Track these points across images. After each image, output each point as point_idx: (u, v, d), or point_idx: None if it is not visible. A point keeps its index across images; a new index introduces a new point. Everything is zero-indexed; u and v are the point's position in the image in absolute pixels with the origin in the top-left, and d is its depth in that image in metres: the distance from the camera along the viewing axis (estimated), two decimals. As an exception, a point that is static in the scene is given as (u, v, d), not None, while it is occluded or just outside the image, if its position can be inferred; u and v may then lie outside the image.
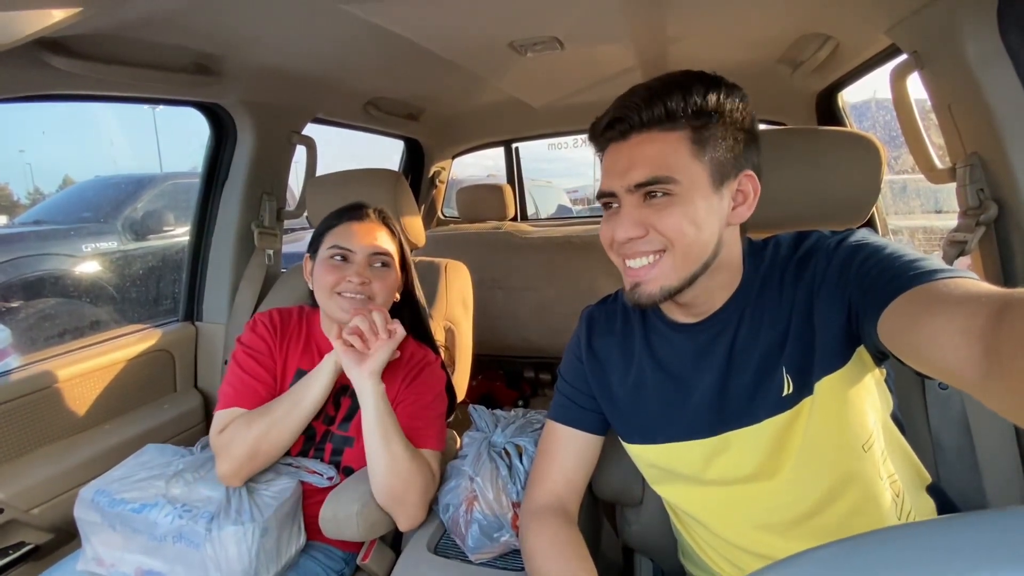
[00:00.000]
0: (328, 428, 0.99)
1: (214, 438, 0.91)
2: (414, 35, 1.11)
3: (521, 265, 2.08)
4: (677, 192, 0.61)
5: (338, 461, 0.97)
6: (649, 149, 0.62)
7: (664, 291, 0.64)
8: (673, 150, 0.61)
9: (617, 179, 0.64)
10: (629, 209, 0.64)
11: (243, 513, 0.82)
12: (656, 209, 0.62)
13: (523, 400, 2.38)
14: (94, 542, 0.86)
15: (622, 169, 0.64)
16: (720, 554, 0.72)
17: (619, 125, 0.64)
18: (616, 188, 0.65)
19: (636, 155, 0.63)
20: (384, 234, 1.01)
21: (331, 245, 0.97)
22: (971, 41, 0.81)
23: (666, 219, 0.62)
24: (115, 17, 0.90)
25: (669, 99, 0.61)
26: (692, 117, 0.61)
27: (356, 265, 0.96)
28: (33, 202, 4.62)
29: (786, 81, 1.50)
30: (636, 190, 0.63)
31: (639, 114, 0.62)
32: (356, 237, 0.97)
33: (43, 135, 5.08)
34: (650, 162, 0.62)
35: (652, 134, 0.63)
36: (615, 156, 0.65)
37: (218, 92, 1.30)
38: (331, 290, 0.95)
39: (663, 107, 0.61)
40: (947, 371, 0.45)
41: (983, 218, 0.86)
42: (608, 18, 1.10)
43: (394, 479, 0.86)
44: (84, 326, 2.84)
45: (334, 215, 1.03)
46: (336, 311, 0.95)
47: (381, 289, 0.97)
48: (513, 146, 2.85)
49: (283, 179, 1.61)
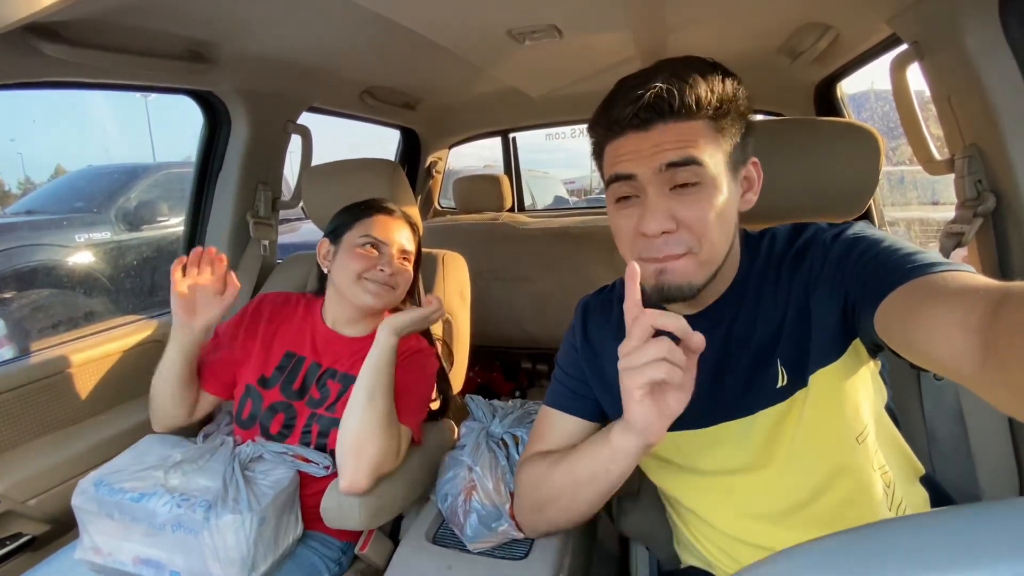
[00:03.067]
0: (314, 411, 1.00)
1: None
2: (411, 23, 1.10)
3: (518, 256, 2.08)
4: (705, 180, 0.59)
5: (324, 444, 0.98)
6: (676, 134, 0.60)
7: (692, 288, 0.62)
8: (699, 136, 0.60)
9: (643, 161, 0.60)
10: (659, 200, 0.60)
11: (241, 502, 0.82)
12: (687, 201, 0.60)
13: (520, 391, 2.38)
14: (92, 531, 0.87)
15: (648, 152, 0.60)
16: (714, 543, 0.73)
17: (646, 113, 0.60)
18: (640, 171, 0.60)
19: (664, 139, 0.60)
20: (410, 234, 1.09)
21: (364, 234, 1.02)
22: (972, 32, 0.81)
23: (698, 212, 0.59)
24: (106, 2, 0.89)
25: (696, 90, 0.59)
26: (715, 107, 0.60)
27: (388, 257, 1.02)
28: (24, 192, 4.58)
29: (785, 71, 1.49)
30: (666, 170, 0.59)
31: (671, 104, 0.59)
32: (390, 231, 1.04)
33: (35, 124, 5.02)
34: (681, 144, 0.59)
35: (677, 123, 0.60)
36: (636, 143, 0.61)
37: (212, 80, 1.28)
38: (358, 276, 0.99)
39: (694, 97, 0.59)
40: (943, 364, 0.45)
41: (981, 209, 0.86)
42: (607, 6, 1.09)
43: (361, 427, 0.86)
44: (78, 317, 2.82)
45: (363, 206, 1.07)
46: (360, 294, 1.00)
47: (404, 281, 1.04)
48: (510, 136, 2.83)
49: (278, 169, 1.59)
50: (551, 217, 2.54)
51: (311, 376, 1.03)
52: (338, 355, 1.04)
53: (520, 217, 2.37)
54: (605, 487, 0.65)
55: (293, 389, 1.01)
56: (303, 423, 0.99)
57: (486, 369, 2.43)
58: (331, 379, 1.02)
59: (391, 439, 0.88)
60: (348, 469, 0.85)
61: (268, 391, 1.01)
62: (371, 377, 0.89)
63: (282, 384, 1.02)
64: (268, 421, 0.99)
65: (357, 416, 0.87)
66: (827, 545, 0.22)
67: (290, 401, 1.00)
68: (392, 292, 1.02)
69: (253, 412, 1.00)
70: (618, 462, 0.62)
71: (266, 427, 0.99)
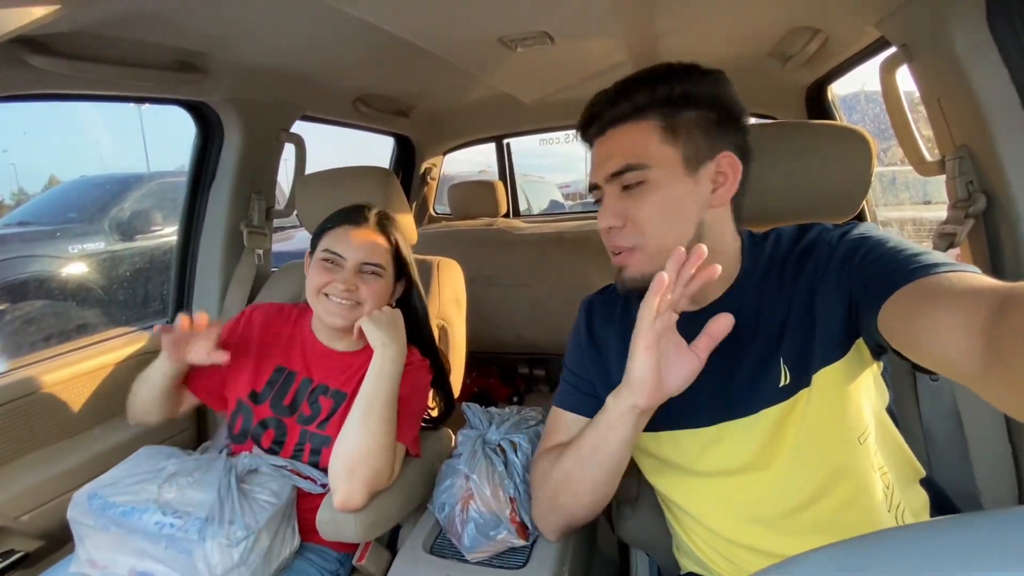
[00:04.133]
0: (305, 428, 0.98)
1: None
2: (402, 31, 1.10)
3: (514, 261, 2.08)
4: (650, 178, 0.65)
5: (316, 461, 0.96)
6: (622, 140, 0.68)
7: (644, 279, 0.64)
8: (643, 139, 0.66)
9: (597, 171, 0.70)
10: (610, 200, 0.69)
11: (235, 519, 0.82)
12: (633, 199, 0.67)
13: (518, 396, 2.38)
14: (87, 544, 0.85)
15: (601, 161, 0.69)
16: (713, 548, 0.72)
17: (596, 122, 0.70)
18: (598, 179, 0.70)
19: (611, 147, 0.69)
20: (379, 242, 1.01)
21: (325, 248, 0.98)
22: (960, 34, 0.81)
23: (642, 208, 0.66)
24: (95, 14, 0.88)
25: (635, 94, 0.66)
26: (660, 106, 0.65)
27: (345, 271, 0.96)
28: (17, 203, 4.55)
29: (776, 75, 1.50)
30: (613, 179, 0.68)
31: (608, 110, 0.68)
32: (349, 244, 0.97)
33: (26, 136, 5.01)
34: (623, 152, 0.67)
35: (625, 127, 0.67)
36: (597, 151, 0.71)
37: (204, 90, 1.28)
38: (319, 291, 0.97)
39: (630, 102, 0.67)
40: (947, 364, 0.45)
41: (972, 210, 0.86)
42: (598, 13, 1.09)
43: (357, 448, 0.85)
44: (71, 329, 2.80)
45: (335, 216, 1.03)
46: (322, 312, 0.97)
47: (369, 295, 0.97)
48: (504, 142, 2.83)
49: (272, 178, 1.59)
50: (546, 222, 2.54)
51: (302, 392, 1.01)
52: (330, 371, 1.02)
53: (515, 223, 2.37)
54: (605, 459, 0.68)
55: (283, 405, 1.00)
56: (295, 440, 0.98)
57: (483, 375, 2.42)
58: (323, 395, 1.00)
59: (387, 459, 0.88)
60: (341, 489, 0.85)
61: (259, 406, 0.99)
62: (369, 396, 0.88)
63: (272, 399, 1.00)
64: (259, 436, 0.98)
65: (354, 436, 0.86)
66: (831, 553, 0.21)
67: (280, 417, 0.99)
68: (357, 308, 0.96)
69: (244, 427, 0.99)
70: (615, 427, 0.66)
71: (258, 442, 0.98)
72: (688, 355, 0.62)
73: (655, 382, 0.62)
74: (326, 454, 0.95)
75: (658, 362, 0.62)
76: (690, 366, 0.62)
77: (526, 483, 0.87)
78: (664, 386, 0.63)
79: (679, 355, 0.62)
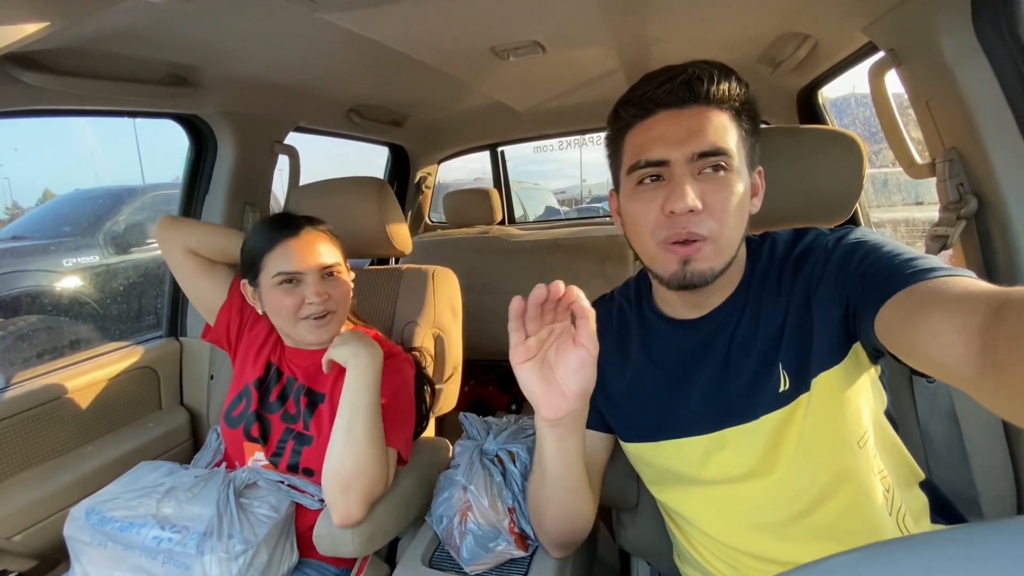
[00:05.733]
0: (288, 426, 0.99)
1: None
2: (394, 42, 1.10)
3: (510, 269, 2.08)
4: (734, 167, 0.62)
5: (296, 462, 0.96)
6: (708, 121, 0.62)
7: (713, 272, 0.63)
8: (728, 127, 0.63)
9: (675, 147, 0.61)
10: (689, 180, 0.61)
11: (234, 535, 0.81)
12: (714, 185, 0.61)
13: (516, 404, 2.37)
14: (84, 562, 0.85)
15: (680, 137, 0.61)
16: (715, 555, 0.72)
17: (685, 91, 0.62)
18: (673, 156, 0.62)
19: (696, 125, 0.62)
20: (325, 244, 0.99)
21: (277, 272, 0.93)
22: (947, 38, 0.82)
23: (723, 196, 0.61)
24: (86, 31, 0.88)
25: (728, 81, 0.63)
26: (741, 102, 0.64)
27: (310, 285, 0.94)
28: (12, 217, 4.53)
29: (767, 80, 1.51)
30: (697, 160, 0.61)
31: (709, 86, 0.62)
32: (300, 257, 0.94)
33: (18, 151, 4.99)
34: (714, 133, 0.61)
35: (709, 108, 0.63)
36: (670, 124, 0.63)
37: (196, 103, 1.28)
38: (294, 316, 0.94)
39: (727, 86, 0.63)
40: (943, 368, 0.45)
41: (963, 212, 0.87)
42: (589, 21, 1.10)
43: (347, 463, 0.84)
44: (64, 345, 2.78)
45: (265, 234, 0.96)
46: (304, 335, 0.96)
47: (339, 298, 0.98)
48: (499, 149, 2.84)
49: (266, 190, 1.59)
50: (542, 229, 2.55)
51: (289, 390, 1.02)
52: (305, 369, 1.02)
53: (511, 230, 2.37)
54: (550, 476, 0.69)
55: (270, 401, 1.01)
56: (278, 436, 0.99)
57: (481, 383, 2.41)
58: (304, 395, 1.01)
59: (381, 469, 0.87)
60: (339, 506, 0.84)
61: (257, 396, 1.02)
62: (350, 410, 0.86)
63: (263, 394, 1.02)
64: (250, 424, 0.99)
65: (343, 453, 0.85)
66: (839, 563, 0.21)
67: (267, 414, 1.00)
68: (335, 317, 0.97)
69: (242, 413, 1.00)
70: (543, 442, 0.67)
71: (248, 430, 0.99)
72: (572, 350, 0.60)
73: (547, 392, 0.61)
74: (306, 452, 0.95)
75: (539, 373, 0.61)
76: (578, 360, 0.59)
77: (525, 493, 0.86)
78: (564, 390, 0.61)
79: (563, 355, 0.60)
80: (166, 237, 1.08)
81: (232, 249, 1.06)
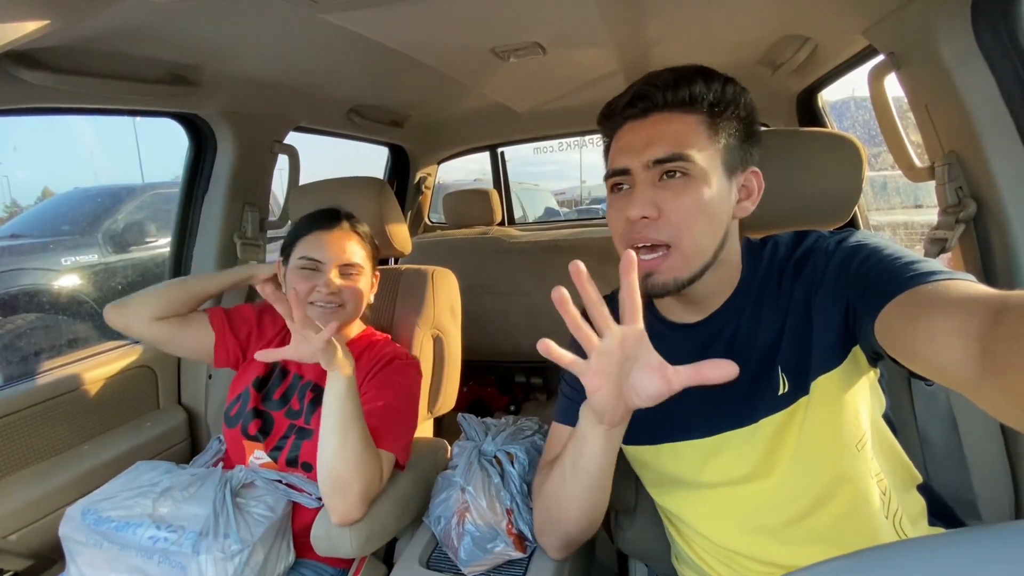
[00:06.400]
0: (292, 422, 0.99)
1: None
2: (394, 43, 1.11)
3: (510, 270, 2.08)
4: (693, 173, 0.62)
5: (296, 456, 0.96)
6: (669, 127, 0.64)
7: (677, 282, 0.64)
8: (692, 131, 0.63)
9: (635, 156, 0.64)
10: (644, 188, 0.64)
11: (230, 534, 0.81)
12: (672, 191, 0.63)
13: (515, 405, 2.37)
14: (79, 562, 0.84)
15: (640, 146, 0.64)
16: (714, 557, 0.72)
17: (641, 103, 0.65)
18: (632, 164, 0.65)
19: (655, 132, 0.64)
20: (354, 243, 1.03)
21: (301, 255, 0.99)
22: (946, 42, 0.82)
23: (681, 201, 0.62)
24: (86, 29, 0.88)
25: (693, 84, 0.63)
26: (710, 104, 0.64)
27: (325, 276, 0.98)
28: (11, 215, 4.52)
29: (767, 83, 1.52)
30: (654, 167, 0.63)
31: (663, 94, 0.64)
32: (326, 248, 0.99)
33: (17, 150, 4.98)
34: (670, 139, 0.63)
35: (672, 114, 0.64)
36: (632, 134, 0.66)
37: (196, 103, 1.28)
38: (305, 299, 0.97)
39: (687, 90, 0.63)
40: (943, 371, 0.45)
41: (962, 216, 0.87)
42: (589, 23, 1.10)
43: (341, 464, 0.83)
44: (62, 343, 2.77)
45: (305, 222, 1.04)
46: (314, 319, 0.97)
47: (351, 296, 1.00)
48: (499, 150, 2.84)
49: (265, 189, 1.59)
50: (541, 230, 2.55)
51: (293, 388, 1.03)
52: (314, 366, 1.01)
53: (510, 230, 2.37)
54: (584, 475, 0.66)
55: (274, 399, 1.02)
56: (280, 433, 0.99)
57: (480, 384, 2.41)
58: (309, 390, 1.02)
59: (374, 467, 0.87)
60: (338, 507, 0.84)
61: (258, 394, 1.03)
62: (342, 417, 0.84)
63: (268, 391, 1.03)
64: (248, 422, 0.99)
65: (337, 456, 0.84)
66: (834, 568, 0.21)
67: (269, 411, 1.01)
68: (341, 310, 0.99)
69: (239, 412, 1.01)
70: (587, 439, 0.64)
71: (245, 428, 0.99)
72: (657, 378, 0.54)
73: (616, 404, 0.58)
74: (306, 447, 0.96)
75: (618, 386, 0.57)
76: (655, 389, 0.55)
77: (523, 494, 0.86)
78: (629, 403, 0.58)
79: (644, 374, 0.55)
80: (124, 324, 1.06)
81: (185, 293, 1.07)
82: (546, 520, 0.76)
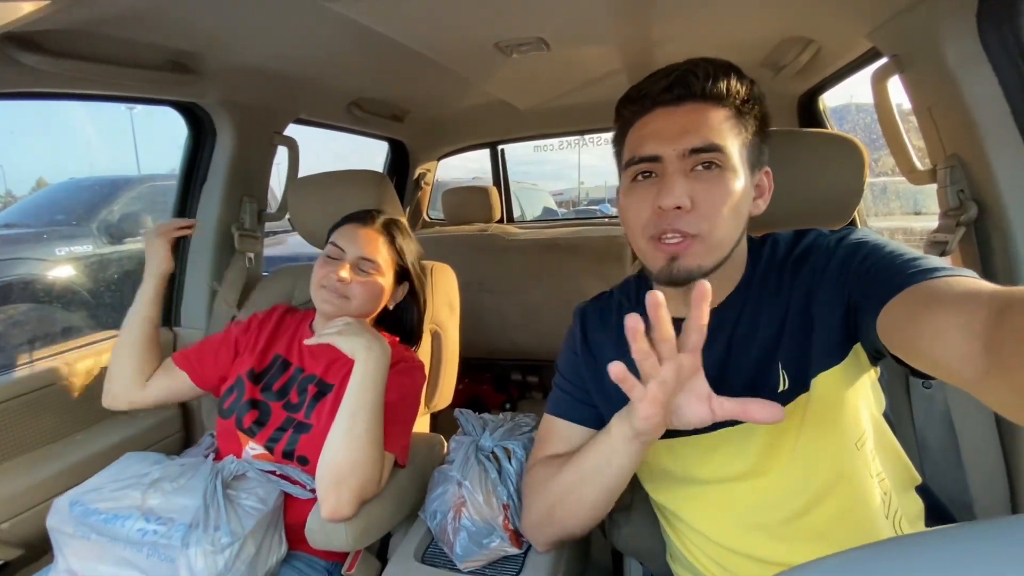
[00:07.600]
0: (290, 415, 0.99)
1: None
2: (398, 34, 1.10)
3: (507, 267, 2.07)
4: (727, 166, 0.62)
5: (292, 450, 0.96)
6: (703, 117, 0.62)
7: (701, 270, 0.63)
8: (722, 124, 0.63)
9: (668, 143, 0.62)
10: (679, 178, 0.61)
11: (221, 525, 0.80)
12: (706, 183, 0.61)
13: (511, 403, 2.37)
14: (67, 553, 0.83)
15: (674, 133, 0.62)
16: (709, 556, 0.72)
17: (679, 89, 0.63)
18: (665, 152, 0.62)
19: (689, 122, 0.62)
20: (380, 243, 1.05)
21: (330, 242, 1.04)
22: (951, 44, 0.82)
23: (714, 193, 0.61)
24: (86, 12, 0.87)
25: (729, 79, 0.63)
26: (741, 100, 0.64)
27: (341, 264, 1.00)
28: (5, 205, 4.49)
29: (768, 85, 1.52)
30: (689, 156, 0.62)
31: (703, 84, 0.63)
32: (352, 240, 1.02)
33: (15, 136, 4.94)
34: (706, 129, 0.62)
35: (707, 105, 0.63)
36: (664, 120, 0.64)
37: (196, 91, 1.27)
38: (318, 283, 1.00)
39: (725, 84, 0.63)
40: (946, 368, 0.45)
41: (963, 219, 0.87)
42: (594, 20, 1.10)
43: (343, 454, 0.84)
44: (56, 332, 2.75)
45: (346, 216, 1.08)
46: (320, 303, 1.01)
47: (360, 293, 1.00)
48: (498, 148, 2.84)
49: (264, 181, 1.58)
50: (540, 228, 2.55)
51: (293, 381, 1.03)
52: (319, 360, 1.04)
53: (509, 228, 2.37)
54: (607, 481, 0.66)
55: (273, 390, 1.02)
56: (277, 424, 0.98)
57: (476, 381, 2.41)
58: (311, 384, 1.02)
59: (375, 469, 0.86)
60: (330, 500, 0.83)
61: (253, 386, 1.02)
62: (354, 405, 0.86)
63: (265, 383, 1.03)
64: (243, 414, 0.99)
65: (340, 447, 0.84)
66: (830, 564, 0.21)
67: (267, 401, 1.01)
68: (346, 302, 0.99)
69: (234, 404, 1.00)
70: (618, 452, 0.63)
71: (240, 420, 0.99)
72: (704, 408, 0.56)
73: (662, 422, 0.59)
74: (304, 440, 0.95)
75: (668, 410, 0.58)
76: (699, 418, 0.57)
77: (520, 491, 0.86)
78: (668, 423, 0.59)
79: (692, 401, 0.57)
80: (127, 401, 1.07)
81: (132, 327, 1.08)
82: (546, 517, 0.75)
